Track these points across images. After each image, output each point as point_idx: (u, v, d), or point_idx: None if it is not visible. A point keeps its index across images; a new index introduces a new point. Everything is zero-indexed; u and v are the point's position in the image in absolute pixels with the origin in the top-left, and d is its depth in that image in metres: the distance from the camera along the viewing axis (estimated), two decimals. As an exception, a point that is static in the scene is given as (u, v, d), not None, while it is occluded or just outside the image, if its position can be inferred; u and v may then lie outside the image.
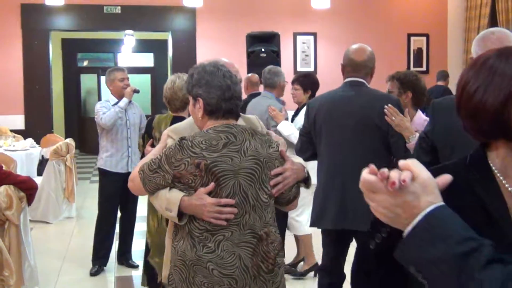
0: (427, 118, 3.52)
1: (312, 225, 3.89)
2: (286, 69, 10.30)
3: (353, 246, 3.92)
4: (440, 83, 9.55)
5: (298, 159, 2.69)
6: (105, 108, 5.53)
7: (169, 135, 2.57)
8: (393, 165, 1.12)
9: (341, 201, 3.63)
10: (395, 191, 1.14)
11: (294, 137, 4.75)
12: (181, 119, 4.06)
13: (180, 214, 2.39)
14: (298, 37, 10.73)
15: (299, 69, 10.51)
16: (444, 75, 9.71)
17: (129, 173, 5.54)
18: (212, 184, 2.34)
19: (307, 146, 3.90)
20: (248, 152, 2.38)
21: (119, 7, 10.25)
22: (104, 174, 5.68)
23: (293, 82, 5.45)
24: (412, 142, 3.46)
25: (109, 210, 5.71)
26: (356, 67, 3.75)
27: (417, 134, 3.47)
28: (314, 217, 3.83)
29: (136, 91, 5.63)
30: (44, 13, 9.99)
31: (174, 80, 4.13)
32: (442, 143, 2.78)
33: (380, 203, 1.17)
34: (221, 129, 2.41)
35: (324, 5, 9.56)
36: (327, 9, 9.86)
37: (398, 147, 3.61)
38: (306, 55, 10.77)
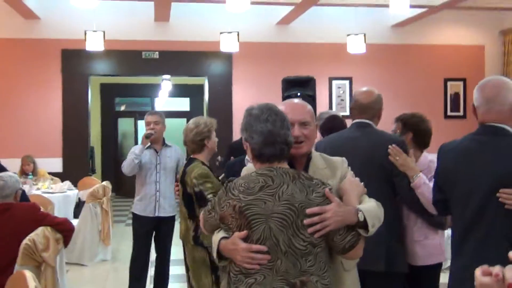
0: (433, 159, 3.56)
1: None
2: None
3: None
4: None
5: (368, 203, 2.53)
6: (133, 154, 5.61)
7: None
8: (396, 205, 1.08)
9: None
10: None
11: None
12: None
13: (221, 256, 2.41)
14: (334, 82, 10.76)
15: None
16: None
17: (157, 217, 5.59)
18: (245, 232, 2.32)
19: None
20: (283, 196, 2.31)
21: (157, 53, 10.45)
22: (135, 218, 5.75)
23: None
24: (416, 181, 3.53)
25: (140, 253, 5.72)
26: (363, 109, 3.83)
27: (421, 174, 3.55)
28: None
29: (146, 136, 5.67)
30: (84, 58, 10.23)
31: (189, 123, 4.40)
32: (442, 182, 3.04)
33: None
34: (262, 172, 2.39)
35: (360, 50, 9.59)
36: (363, 54, 9.90)
37: (402, 186, 3.64)
38: (342, 100, 10.78)
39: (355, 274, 2.72)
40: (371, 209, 2.46)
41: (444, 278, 3.51)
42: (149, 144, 5.69)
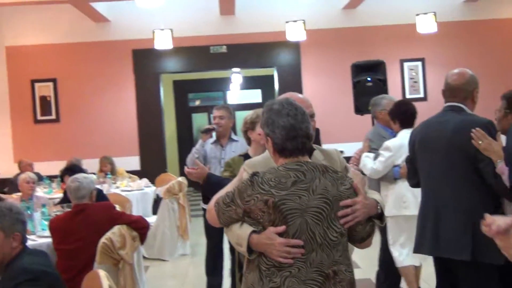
0: None
1: (414, 251, 3.91)
2: (395, 97, 10.11)
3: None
4: None
5: (375, 195, 2.61)
6: (194, 149, 5.70)
7: (244, 169, 2.64)
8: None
9: (435, 228, 3.62)
10: None
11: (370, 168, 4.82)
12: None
13: (250, 249, 2.43)
14: (405, 64, 10.49)
15: (408, 96, 10.26)
16: None
17: None
18: (283, 227, 2.35)
19: (413, 173, 3.95)
20: (317, 190, 2.37)
21: (225, 47, 10.51)
22: (205, 212, 5.75)
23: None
24: (499, 166, 3.36)
25: (213, 246, 5.75)
26: (454, 91, 3.71)
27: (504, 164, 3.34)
28: (415, 243, 3.85)
29: (202, 131, 5.69)
30: (154, 57, 10.43)
31: None
32: None
33: None
34: (291, 167, 2.42)
35: (431, 29, 9.30)
36: (434, 33, 9.59)
37: (487, 172, 3.47)
38: (415, 82, 10.49)
39: None
40: (381, 201, 2.57)
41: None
42: (214, 138, 5.71)
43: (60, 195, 7.46)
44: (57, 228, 4.49)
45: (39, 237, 4.97)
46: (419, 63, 10.50)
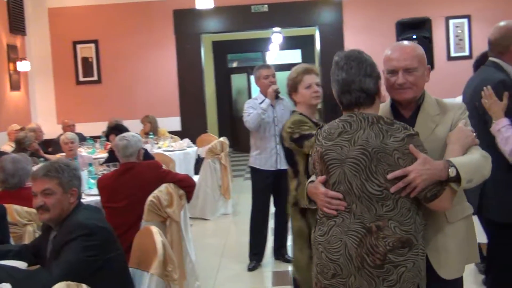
0: None
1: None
2: (439, 55, 9.89)
3: None
4: None
5: (473, 155, 2.44)
6: (251, 108, 5.58)
7: None
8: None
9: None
10: None
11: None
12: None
13: (310, 198, 2.56)
14: (451, 21, 10.21)
15: (453, 54, 10.05)
16: None
17: (278, 170, 5.55)
18: (323, 176, 2.43)
19: None
20: (358, 141, 2.33)
21: (266, 5, 10.37)
22: (255, 172, 5.76)
23: None
24: (492, 127, 3.29)
25: (261, 206, 5.76)
26: (490, 46, 3.60)
27: (503, 120, 3.25)
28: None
29: (277, 92, 5.60)
30: (195, 17, 10.37)
31: None
32: None
33: None
34: (343, 118, 2.44)
35: (478, -15, 9.01)
36: (481, -12, 9.29)
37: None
38: (460, 39, 10.22)
39: (462, 227, 2.59)
40: (468, 162, 2.37)
41: None
42: (262, 98, 5.66)
43: (103, 155, 7.55)
44: (105, 187, 4.54)
45: (87, 195, 5.03)
46: (465, 20, 10.21)
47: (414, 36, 7.87)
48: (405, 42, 2.69)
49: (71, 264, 2.71)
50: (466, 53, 10.10)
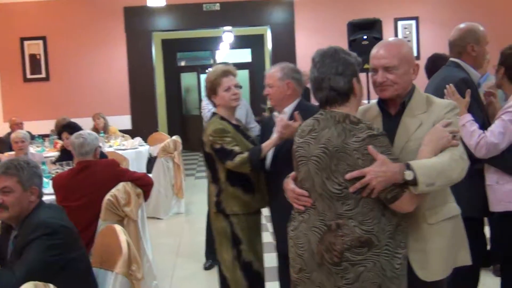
0: None
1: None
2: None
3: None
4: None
5: (440, 158, 2.37)
6: (210, 105, 5.56)
7: None
8: None
9: None
10: None
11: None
12: None
13: None
14: (399, 22, 10.44)
15: (401, 55, 10.22)
16: None
17: None
18: (293, 173, 2.55)
19: None
20: (322, 140, 2.37)
21: (218, 4, 10.36)
22: None
23: None
24: (458, 122, 3.32)
25: None
26: (449, 46, 3.68)
27: (466, 116, 3.34)
28: None
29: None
30: (146, 15, 10.27)
31: None
32: None
33: None
34: (316, 116, 2.49)
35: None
36: (429, -9, 9.52)
37: None
38: (408, 41, 10.44)
39: (446, 229, 2.54)
40: (431, 165, 2.31)
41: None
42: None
43: (53, 153, 7.41)
44: (61, 186, 4.45)
45: (40, 194, 4.91)
46: (413, 22, 10.45)
47: (365, 37, 7.98)
48: (391, 40, 2.68)
49: (34, 264, 2.65)
50: (414, 54, 10.32)
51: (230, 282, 3.75)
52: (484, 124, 3.40)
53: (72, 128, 5.78)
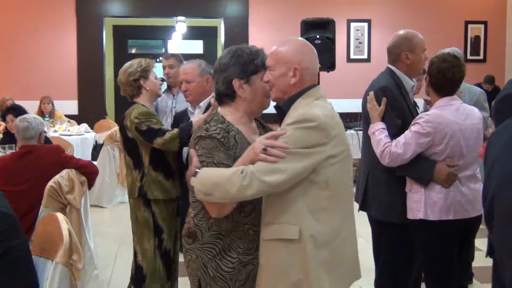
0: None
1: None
2: (340, 57, 10.17)
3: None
4: (484, 86, 9.60)
5: (231, 170, 2.27)
6: None
7: None
8: None
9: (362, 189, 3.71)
10: None
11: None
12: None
13: None
14: (352, 24, 10.55)
15: (352, 56, 10.37)
16: (489, 80, 10.06)
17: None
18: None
19: None
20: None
21: (172, -8, 10.27)
22: None
23: None
24: (369, 129, 3.52)
25: None
26: (387, 53, 3.69)
27: (377, 124, 3.45)
28: None
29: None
30: (98, -1, 10.08)
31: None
32: None
33: None
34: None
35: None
36: (382, -5, 9.67)
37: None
38: (360, 43, 10.59)
39: (278, 249, 2.32)
40: (213, 175, 2.29)
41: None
42: (165, 87, 5.60)
43: (-5, 136, 7.20)
44: (2, 169, 4.33)
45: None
46: (365, 24, 10.60)
47: (318, 36, 8.02)
48: (283, 40, 2.49)
49: (-28, 251, 2.57)
50: (365, 56, 10.49)
51: (147, 271, 3.79)
52: (400, 132, 3.43)
53: (17, 110, 5.65)
